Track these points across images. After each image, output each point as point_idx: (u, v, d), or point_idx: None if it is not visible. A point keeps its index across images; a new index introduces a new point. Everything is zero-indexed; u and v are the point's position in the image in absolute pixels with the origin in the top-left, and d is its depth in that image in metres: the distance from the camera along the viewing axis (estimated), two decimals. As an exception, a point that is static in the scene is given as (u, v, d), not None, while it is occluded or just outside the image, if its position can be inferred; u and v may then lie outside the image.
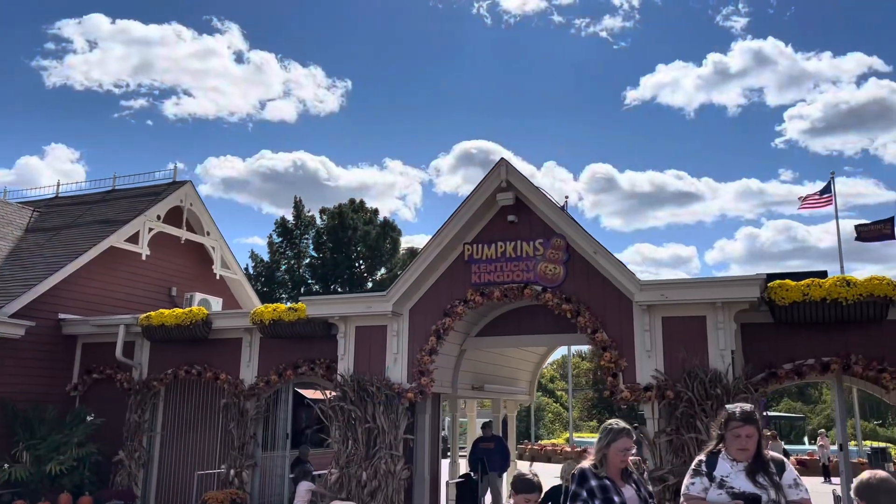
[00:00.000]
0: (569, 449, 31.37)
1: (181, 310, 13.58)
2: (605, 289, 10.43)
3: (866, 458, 21.34)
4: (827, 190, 25.34)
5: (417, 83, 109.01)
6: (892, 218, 23.92)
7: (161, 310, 13.92)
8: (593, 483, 4.42)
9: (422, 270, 11.26)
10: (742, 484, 4.03)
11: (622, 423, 4.55)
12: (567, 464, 6.80)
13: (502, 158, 10.99)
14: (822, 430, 29.18)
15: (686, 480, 4.22)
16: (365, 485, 10.89)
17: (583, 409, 50.14)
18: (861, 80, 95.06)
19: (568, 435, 35.80)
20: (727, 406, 4.25)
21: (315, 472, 13.19)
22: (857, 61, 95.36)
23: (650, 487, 4.80)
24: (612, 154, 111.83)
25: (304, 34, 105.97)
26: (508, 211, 11.09)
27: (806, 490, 4.09)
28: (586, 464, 4.59)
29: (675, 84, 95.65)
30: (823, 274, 10.24)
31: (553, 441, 35.86)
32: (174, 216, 17.34)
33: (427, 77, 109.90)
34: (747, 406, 4.18)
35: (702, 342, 9.77)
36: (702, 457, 4.26)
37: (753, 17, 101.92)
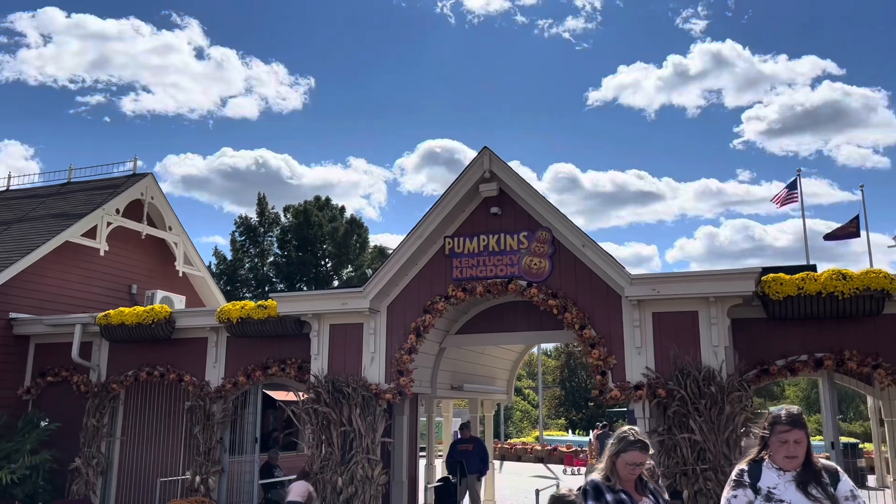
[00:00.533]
0: (539, 447, 31.10)
1: (142, 308, 12.88)
2: (593, 283, 10.02)
3: (838, 453, 21.29)
4: (794, 186, 25.63)
5: (381, 81, 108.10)
6: (857, 216, 24.60)
7: (121, 308, 13.18)
8: (609, 498, 4.01)
9: (400, 265, 10.73)
10: (793, 497, 3.57)
11: (637, 434, 4.12)
12: (591, 468, 6.38)
13: (485, 147, 10.49)
14: (790, 425, 29.26)
15: (726, 493, 3.75)
16: (341, 491, 10.34)
17: (550, 407, 50.04)
18: (815, 82, 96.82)
19: (538, 433, 35.50)
20: (771, 409, 3.80)
21: (286, 478, 12.61)
22: (811, 64, 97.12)
23: (667, 496, 4.40)
24: (574, 154, 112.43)
25: (266, 31, 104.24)
26: (491, 202, 10.62)
27: (864, 502, 3.66)
28: (597, 476, 4.18)
29: (636, 85, 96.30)
30: (813, 268, 9.98)
31: (523, 440, 35.53)
32: (134, 210, 16.54)
33: (391, 75, 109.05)
34: (794, 408, 3.72)
35: (694, 338, 9.41)
36: (743, 466, 3.78)
37: (712, 20, 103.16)
